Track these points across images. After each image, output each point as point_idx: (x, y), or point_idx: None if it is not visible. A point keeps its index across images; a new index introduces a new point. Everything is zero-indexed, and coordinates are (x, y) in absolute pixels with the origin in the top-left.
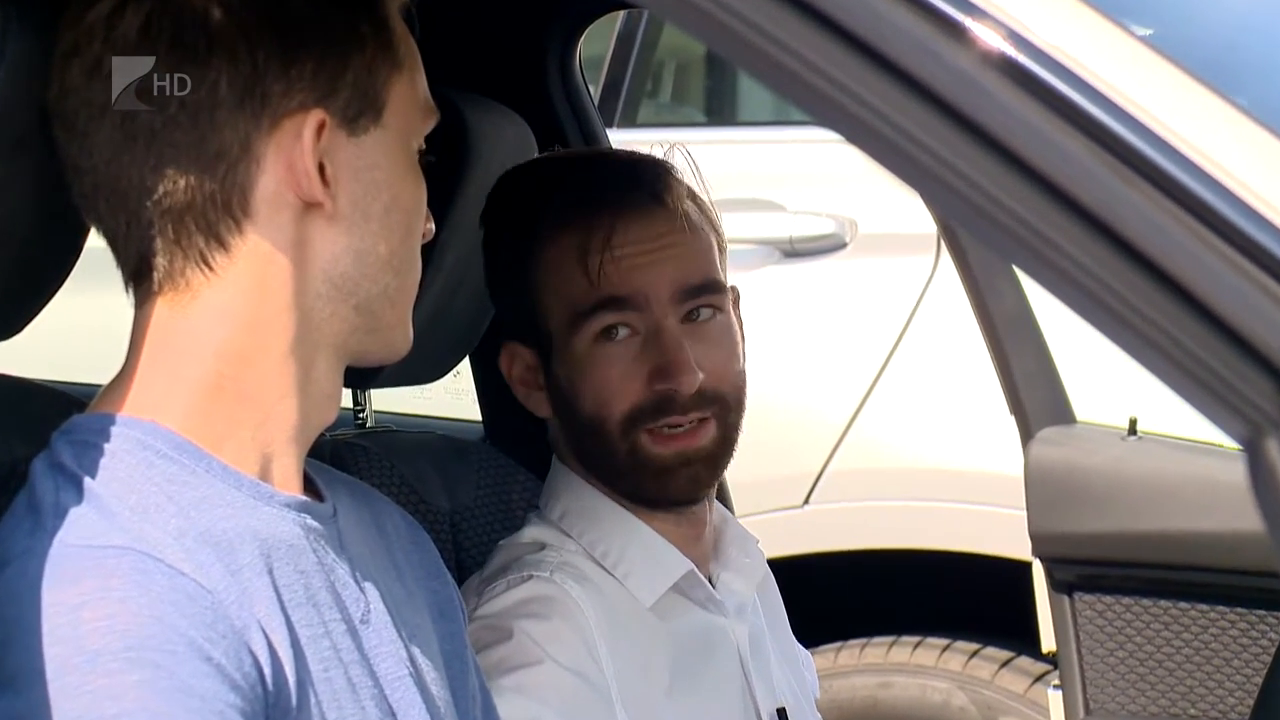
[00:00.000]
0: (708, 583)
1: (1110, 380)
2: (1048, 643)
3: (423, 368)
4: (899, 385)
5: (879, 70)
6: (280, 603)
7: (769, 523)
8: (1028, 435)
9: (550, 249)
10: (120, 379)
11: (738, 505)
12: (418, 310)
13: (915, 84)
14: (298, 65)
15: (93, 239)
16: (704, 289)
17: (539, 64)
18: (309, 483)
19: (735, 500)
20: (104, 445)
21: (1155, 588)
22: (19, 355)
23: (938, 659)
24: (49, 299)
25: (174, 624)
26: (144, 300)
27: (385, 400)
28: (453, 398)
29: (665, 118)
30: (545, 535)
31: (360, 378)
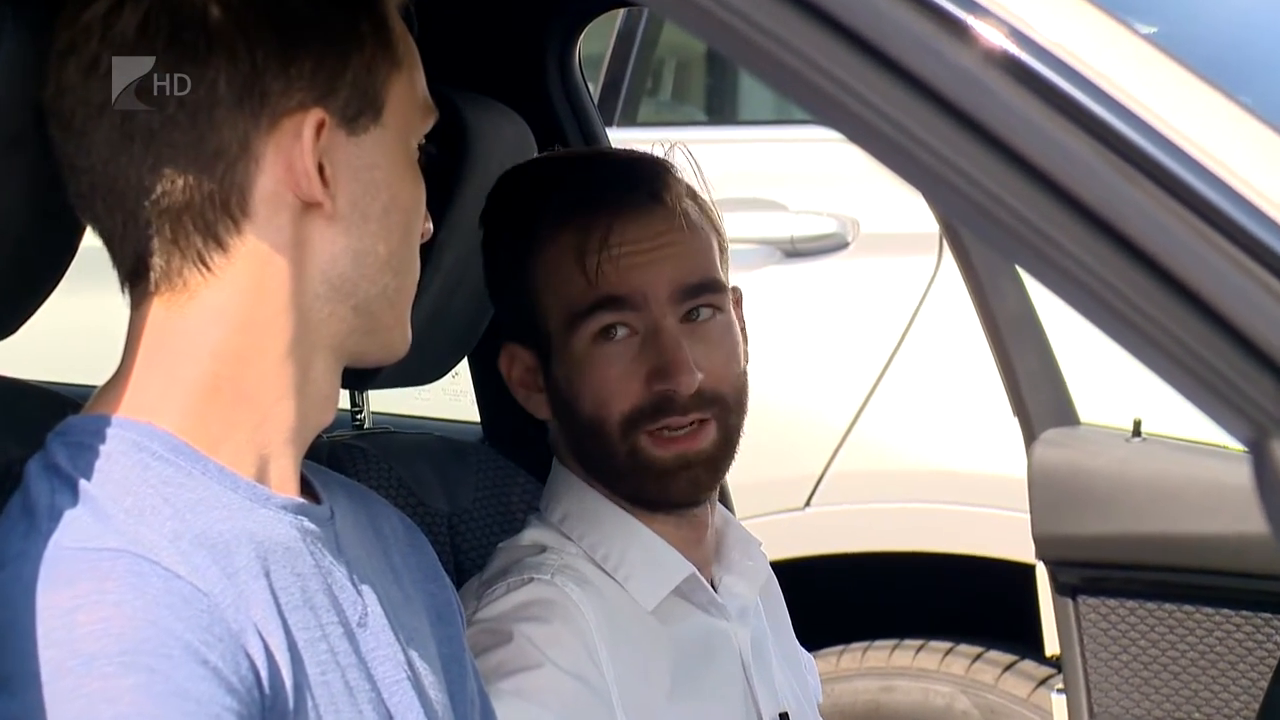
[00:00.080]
0: (709, 586)
1: (1114, 381)
2: (1051, 646)
3: (421, 369)
4: (901, 386)
5: (880, 68)
6: (277, 606)
7: (770, 525)
8: (1031, 437)
9: (549, 249)
10: (116, 380)
11: (739, 507)
12: (416, 311)
13: (917, 82)
14: (297, 64)
15: (88, 238)
16: (703, 288)
17: (538, 62)
18: (306, 485)
19: (736, 502)
20: (99, 447)
21: (1160, 591)
22: (14, 356)
23: (940, 663)
24: (44, 299)
25: (169, 627)
26: (140, 300)
27: (383, 401)
28: (451, 399)
29: (666, 116)
30: (545, 538)
31: (358, 379)
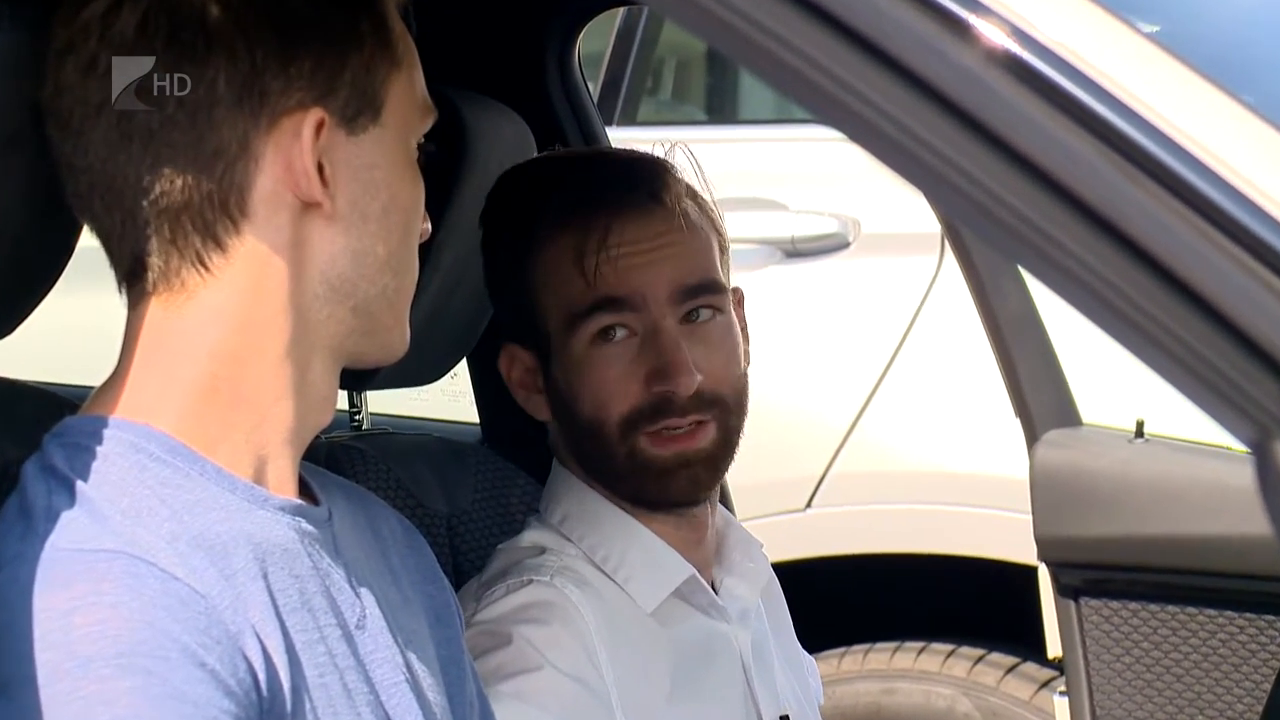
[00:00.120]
0: (710, 588)
1: (1116, 382)
2: (1053, 648)
3: (420, 369)
4: (902, 387)
5: (882, 67)
6: (275, 607)
7: (771, 526)
8: (1033, 438)
9: (548, 249)
10: (113, 381)
11: (739, 509)
12: (415, 311)
13: (918, 81)
14: (296, 63)
15: (85, 238)
16: (702, 289)
17: (538, 62)
18: (304, 486)
19: (737, 504)
20: (96, 448)
21: (1162, 592)
22: (11, 356)
23: (942, 665)
24: (41, 299)
25: (166, 629)
26: (138, 301)
27: (381, 402)
28: (450, 400)
29: (666, 116)
30: (545, 539)
31: (356, 379)
